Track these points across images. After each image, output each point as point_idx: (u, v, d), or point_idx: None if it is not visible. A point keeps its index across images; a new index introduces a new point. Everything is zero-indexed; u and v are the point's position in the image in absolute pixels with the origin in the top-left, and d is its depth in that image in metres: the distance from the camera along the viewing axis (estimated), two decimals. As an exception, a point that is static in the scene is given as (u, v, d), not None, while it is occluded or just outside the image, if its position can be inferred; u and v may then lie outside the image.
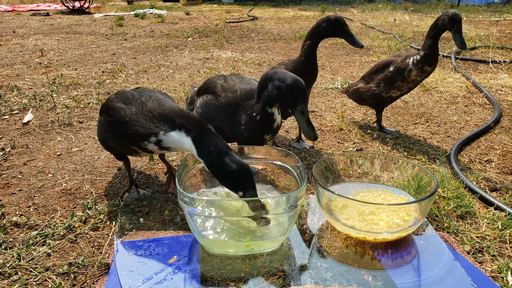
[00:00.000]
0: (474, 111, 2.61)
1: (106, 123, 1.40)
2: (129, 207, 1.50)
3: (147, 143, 1.30)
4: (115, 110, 1.36)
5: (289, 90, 1.33)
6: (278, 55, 4.44)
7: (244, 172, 1.15)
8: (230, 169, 1.15)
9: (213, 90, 1.53)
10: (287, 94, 1.34)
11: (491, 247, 1.28)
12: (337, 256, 1.21)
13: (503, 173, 1.79)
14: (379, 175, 1.52)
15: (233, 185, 1.18)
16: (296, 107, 1.34)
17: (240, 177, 1.15)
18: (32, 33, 6.01)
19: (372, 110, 2.63)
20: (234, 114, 1.48)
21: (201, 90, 1.61)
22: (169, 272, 1.13)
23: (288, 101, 1.36)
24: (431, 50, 1.87)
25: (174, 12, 9.28)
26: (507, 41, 5.02)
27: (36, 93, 2.97)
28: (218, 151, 1.18)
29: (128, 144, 1.37)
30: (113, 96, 1.45)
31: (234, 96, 1.48)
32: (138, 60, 4.14)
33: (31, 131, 2.29)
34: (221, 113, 1.49)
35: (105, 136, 1.45)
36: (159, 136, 1.27)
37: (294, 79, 1.34)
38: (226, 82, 1.54)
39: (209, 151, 1.19)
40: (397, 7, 9.53)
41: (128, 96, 1.40)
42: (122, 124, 1.33)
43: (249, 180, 1.16)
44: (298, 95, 1.33)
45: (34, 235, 1.34)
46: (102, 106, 1.46)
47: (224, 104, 1.49)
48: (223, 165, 1.16)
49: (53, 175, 1.78)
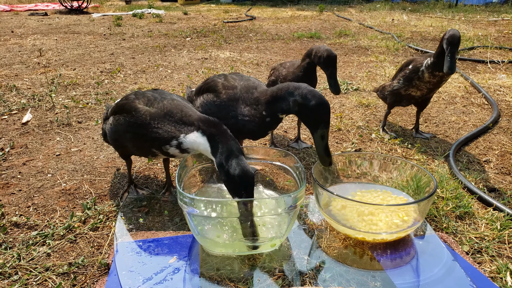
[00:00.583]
0: (472, 111, 2.62)
1: (127, 123, 1.37)
2: (129, 208, 1.50)
3: (169, 147, 1.31)
4: (138, 111, 1.35)
5: (313, 110, 1.26)
6: (276, 55, 4.45)
7: (246, 179, 1.15)
8: (233, 172, 1.15)
9: (214, 88, 1.53)
10: (309, 115, 1.27)
11: (490, 248, 1.28)
12: (336, 257, 1.22)
13: (501, 174, 1.80)
14: (378, 176, 1.53)
15: (232, 189, 1.18)
16: (317, 130, 1.27)
17: (240, 184, 1.15)
18: (30, 33, 6.00)
19: (370, 110, 2.63)
20: (235, 108, 1.46)
21: (201, 89, 1.61)
22: (169, 272, 1.13)
23: (309, 122, 1.29)
24: (439, 58, 1.88)
25: (172, 12, 9.28)
26: (505, 41, 5.04)
27: (35, 93, 2.97)
28: (229, 153, 1.18)
29: (148, 147, 1.36)
30: (132, 96, 1.42)
31: (234, 92, 1.47)
32: (136, 60, 4.14)
33: (30, 131, 2.29)
34: (222, 109, 1.48)
35: (122, 136, 1.43)
36: (179, 139, 1.28)
37: (319, 100, 1.25)
38: (227, 80, 1.54)
39: (221, 151, 1.20)
40: (395, 7, 9.55)
41: (150, 97, 1.39)
42: (145, 126, 1.33)
43: (248, 189, 1.16)
44: (321, 119, 1.26)
45: (34, 235, 1.34)
46: (121, 105, 1.43)
47: (225, 100, 1.47)
48: (229, 167, 1.16)
49: (52, 175, 1.77)
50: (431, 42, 5.10)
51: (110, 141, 1.53)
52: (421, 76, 1.97)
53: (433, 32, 5.84)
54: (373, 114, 2.59)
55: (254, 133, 1.47)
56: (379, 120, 2.46)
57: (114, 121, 1.46)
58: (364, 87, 3.16)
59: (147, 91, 1.46)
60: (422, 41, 5.15)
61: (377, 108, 2.69)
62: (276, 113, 1.37)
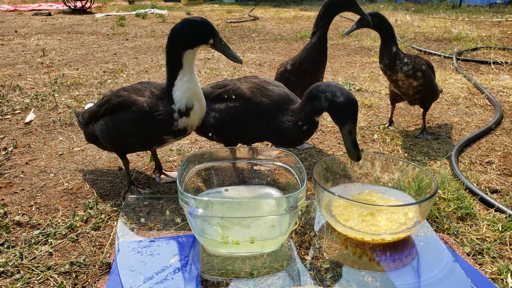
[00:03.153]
0: (475, 112, 2.62)
1: (131, 118, 1.43)
2: (130, 207, 1.50)
3: (177, 123, 1.41)
4: (138, 104, 1.41)
5: (341, 107, 1.33)
6: (279, 55, 4.45)
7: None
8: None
9: (242, 95, 1.53)
10: (338, 110, 1.34)
11: (491, 249, 1.28)
12: (337, 257, 1.22)
13: (504, 175, 1.80)
14: (380, 176, 1.53)
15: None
16: (344, 125, 1.34)
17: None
18: (34, 32, 6.03)
19: (373, 111, 2.64)
20: (272, 119, 1.50)
21: (221, 96, 1.58)
22: (170, 272, 1.13)
23: (337, 117, 1.36)
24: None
25: (175, 12, 9.29)
26: (509, 42, 5.02)
27: (38, 93, 2.98)
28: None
29: (154, 138, 1.46)
30: (124, 93, 1.47)
31: (271, 101, 1.50)
32: (139, 60, 4.15)
33: (33, 130, 2.30)
34: (255, 118, 1.51)
35: (125, 133, 1.47)
36: (174, 107, 1.39)
37: (348, 97, 1.33)
38: (251, 85, 1.55)
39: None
40: (398, 8, 9.53)
41: (141, 88, 1.46)
42: (148, 117, 1.40)
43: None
44: (349, 115, 1.33)
45: (36, 234, 1.35)
46: (117, 103, 1.46)
47: (260, 109, 1.50)
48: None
49: (55, 175, 1.78)
50: (435, 43, 5.09)
51: (105, 141, 1.55)
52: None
53: (437, 32, 5.83)
54: (375, 114, 2.58)
55: (291, 143, 1.54)
56: (381, 121, 2.46)
57: (111, 121, 1.48)
58: (367, 88, 3.16)
59: (134, 84, 1.53)
60: (425, 42, 5.14)
61: (380, 109, 2.69)
62: (313, 117, 1.43)
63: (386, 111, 2.64)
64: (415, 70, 1.97)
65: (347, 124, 1.33)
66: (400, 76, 1.99)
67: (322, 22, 1.86)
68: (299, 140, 1.51)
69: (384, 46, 1.99)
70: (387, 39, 1.98)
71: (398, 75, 1.99)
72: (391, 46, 1.97)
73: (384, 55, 1.99)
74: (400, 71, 1.97)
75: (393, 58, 1.97)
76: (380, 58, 2.02)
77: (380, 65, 2.05)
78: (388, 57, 1.97)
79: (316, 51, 1.85)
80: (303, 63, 1.86)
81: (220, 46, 1.37)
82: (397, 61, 1.97)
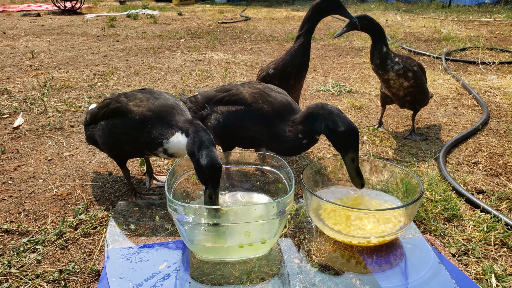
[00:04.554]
0: (463, 112, 2.65)
1: (125, 126, 1.42)
2: (120, 213, 1.50)
3: (158, 152, 1.41)
4: (133, 114, 1.40)
5: (342, 136, 1.33)
6: (270, 56, 4.46)
7: (212, 169, 1.20)
8: (202, 162, 1.20)
9: (244, 100, 1.54)
10: (339, 140, 1.34)
11: (476, 250, 1.30)
12: (326, 260, 1.23)
13: (490, 175, 1.83)
14: (368, 178, 1.54)
15: (200, 178, 1.24)
16: (346, 154, 1.34)
17: (207, 173, 1.20)
18: (22, 34, 5.97)
19: (362, 112, 2.66)
20: (272, 126, 1.51)
21: (223, 100, 1.59)
22: (159, 279, 1.14)
23: (339, 146, 1.36)
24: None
25: (166, 13, 9.26)
26: (496, 42, 5.08)
27: (27, 96, 2.96)
28: (200, 143, 1.24)
29: (143, 149, 1.45)
30: (124, 99, 1.46)
31: (272, 108, 1.51)
32: (130, 62, 4.14)
33: (21, 135, 2.28)
34: (255, 124, 1.53)
35: (117, 139, 1.47)
36: (164, 144, 1.37)
37: (348, 127, 1.32)
38: (254, 91, 1.56)
39: (193, 141, 1.26)
40: (389, 8, 9.59)
41: (142, 98, 1.45)
42: (140, 129, 1.39)
43: (214, 179, 1.21)
44: (351, 144, 1.33)
45: (24, 241, 1.34)
46: (114, 109, 1.46)
47: (260, 116, 1.51)
48: (199, 157, 1.22)
49: (44, 181, 1.78)
50: (424, 43, 5.13)
51: (103, 147, 1.55)
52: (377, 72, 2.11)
53: (426, 33, 5.88)
54: (365, 116, 2.60)
55: (289, 153, 1.55)
56: (370, 122, 2.48)
57: (106, 126, 1.47)
58: (357, 89, 3.18)
59: (136, 92, 1.51)
60: (415, 42, 5.18)
61: (369, 110, 2.71)
62: (313, 135, 1.44)
63: (376, 112, 2.66)
64: (406, 70, 2.00)
65: (350, 152, 1.33)
66: (391, 76, 2.02)
67: (308, 26, 1.87)
68: (297, 151, 1.52)
69: (374, 47, 2.02)
70: (377, 40, 2.01)
71: (389, 74, 2.02)
72: (382, 46, 2.00)
73: (375, 55, 2.01)
74: (391, 70, 2.00)
75: (384, 58, 1.99)
76: (372, 59, 2.05)
77: (372, 66, 2.08)
78: (379, 57, 2.00)
79: (300, 55, 1.86)
80: (286, 66, 1.87)
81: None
82: (388, 61, 2.00)
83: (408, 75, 2.01)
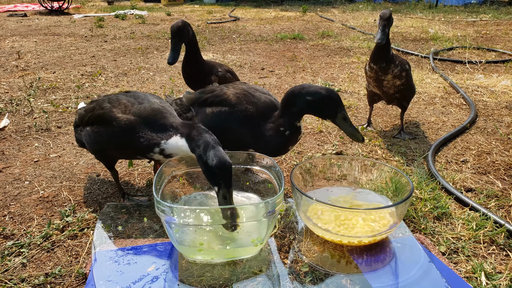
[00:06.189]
0: (451, 111, 2.67)
1: (108, 134, 1.38)
2: (108, 215, 1.48)
3: (153, 154, 1.36)
4: (118, 121, 1.35)
5: (325, 101, 1.37)
6: (259, 56, 4.45)
7: (222, 168, 1.17)
8: (211, 163, 1.18)
9: (228, 101, 1.52)
10: (324, 106, 1.38)
11: (466, 248, 1.31)
12: (316, 260, 1.23)
13: (478, 173, 1.84)
14: (358, 178, 1.54)
15: (210, 179, 1.21)
16: (336, 114, 1.39)
17: (218, 173, 1.17)
18: (8, 34, 5.87)
19: (352, 112, 2.66)
20: (256, 126, 1.49)
21: (207, 101, 1.57)
22: (148, 281, 1.12)
23: (325, 112, 1.40)
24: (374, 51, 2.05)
25: (155, 13, 9.20)
26: (483, 41, 5.15)
27: (13, 97, 2.91)
28: (205, 145, 1.22)
29: (133, 154, 1.41)
30: (107, 105, 1.41)
31: (256, 109, 1.50)
32: (118, 63, 4.09)
33: (7, 137, 2.24)
34: (240, 125, 1.51)
35: (104, 146, 1.43)
36: (161, 145, 1.33)
37: (327, 90, 1.37)
38: (238, 91, 1.54)
39: (198, 144, 1.24)
40: (377, 8, 9.66)
41: (126, 103, 1.40)
42: (127, 136, 1.35)
43: (226, 178, 1.18)
44: (335, 104, 1.37)
45: (9, 245, 1.31)
46: (97, 115, 1.41)
47: (245, 117, 1.50)
48: (207, 158, 1.19)
49: (30, 183, 1.74)
50: (412, 42, 5.18)
51: (91, 151, 1.52)
52: (367, 71, 2.12)
53: (414, 32, 5.93)
54: (354, 115, 2.61)
55: (275, 151, 1.53)
56: (360, 122, 2.49)
57: (92, 133, 1.44)
58: (346, 88, 3.19)
59: (121, 95, 1.45)
60: (403, 42, 5.22)
61: (358, 109, 2.72)
62: (293, 122, 1.43)
63: (365, 111, 2.67)
64: (401, 71, 2.03)
65: (338, 113, 1.38)
66: (388, 78, 2.04)
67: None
68: (283, 147, 1.50)
69: (382, 50, 2.00)
70: (387, 44, 2.00)
71: (387, 77, 2.04)
72: (389, 49, 2.00)
73: (381, 57, 2.00)
74: (390, 73, 2.02)
75: (389, 61, 2.01)
76: (375, 60, 2.02)
77: (371, 65, 2.05)
78: (386, 61, 2.00)
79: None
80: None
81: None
82: (392, 64, 2.01)
83: (402, 75, 2.04)
